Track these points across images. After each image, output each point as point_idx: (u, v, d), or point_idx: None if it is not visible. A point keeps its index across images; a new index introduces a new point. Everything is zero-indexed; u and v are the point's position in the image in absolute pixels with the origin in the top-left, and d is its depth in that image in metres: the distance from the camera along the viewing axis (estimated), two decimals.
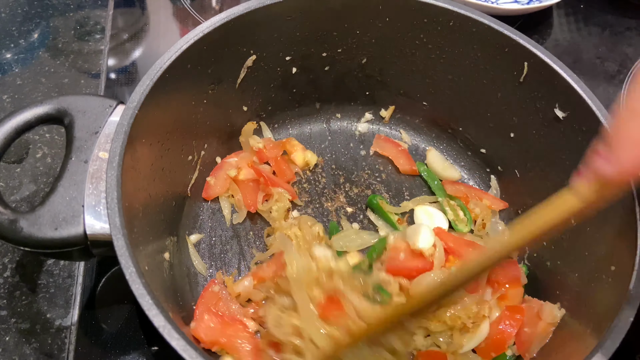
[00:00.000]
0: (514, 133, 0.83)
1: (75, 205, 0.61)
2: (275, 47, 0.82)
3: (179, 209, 0.81)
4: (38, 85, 0.99)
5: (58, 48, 1.05)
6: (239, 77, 0.82)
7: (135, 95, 0.65)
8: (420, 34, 0.82)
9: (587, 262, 0.68)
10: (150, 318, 0.51)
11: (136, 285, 0.53)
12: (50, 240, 0.59)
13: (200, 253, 0.80)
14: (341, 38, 0.84)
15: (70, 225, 0.59)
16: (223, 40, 0.75)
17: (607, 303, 0.60)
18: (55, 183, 0.62)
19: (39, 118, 0.67)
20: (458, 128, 0.91)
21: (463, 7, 0.78)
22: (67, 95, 0.68)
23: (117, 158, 0.61)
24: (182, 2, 1.16)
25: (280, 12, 0.78)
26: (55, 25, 1.09)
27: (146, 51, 1.07)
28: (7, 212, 0.59)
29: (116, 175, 0.59)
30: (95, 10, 1.13)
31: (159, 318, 0.52)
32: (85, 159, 0.64)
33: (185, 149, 0.80)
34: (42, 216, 0.60)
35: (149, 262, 0.62)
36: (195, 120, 0.80)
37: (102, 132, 0.66)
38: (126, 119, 0.63)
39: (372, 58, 0.87)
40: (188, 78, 0.73)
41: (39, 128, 0.74)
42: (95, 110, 0.68)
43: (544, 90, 0.76)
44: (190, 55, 0.71)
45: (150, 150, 0.70)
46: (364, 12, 0.81)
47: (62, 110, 0.67)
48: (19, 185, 0.86)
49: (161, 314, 0.52)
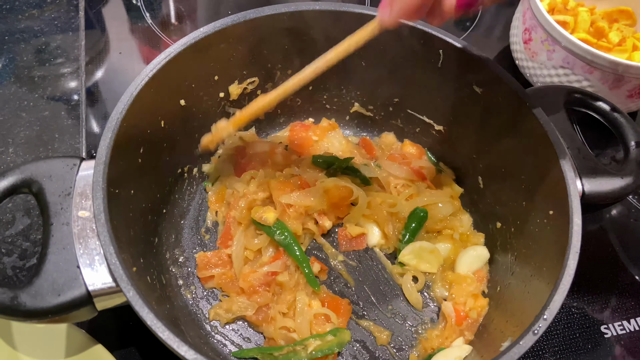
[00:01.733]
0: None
1: (71, 268, 0.62)
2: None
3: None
4: (19, 120, 1.00)
5: (26, 76, 1.07)
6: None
7: (102, 150, 0.67)
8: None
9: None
10: (183, 354, 0.56)
11: (160, 330, 0.57)
12: (55, 307, 0.60)
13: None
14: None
15: (72, 288, 0.61)
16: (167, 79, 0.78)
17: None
18: (43, 250, 0.63)
19: (5, 191, 0.67)
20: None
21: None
22: (28, 163, 0.69)
23: (102, 215, 0.63)
24: (144, 19, 1.19)
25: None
26: (17, 52, 1.11)
27: (108, 71, 1.11)
28: (4, 289, 0.60)
29: (107, 231, 0.62)
30: (55, 35, 1.15)
31: (190, 352, 0.56)
32: (65, 222, 0.65)
33: (163, 172, 0.85)
34: (41, 286, 0.61)
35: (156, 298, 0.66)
36: (163, 145, 0.83)
37: (74, 191, 0.68)
38: (100, 176, 0.66)
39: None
40: (144, 120, 0.76)
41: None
42: (61, 172, 0.69)
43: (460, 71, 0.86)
44: (142, 97, 0.74)
45: (129, 194, 0.73)
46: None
47: (27, 179, 0.68)
48: (13, 219, 0.88)
49: (190, 348, 0.56)
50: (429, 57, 0.87)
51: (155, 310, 0.58)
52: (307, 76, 0.73)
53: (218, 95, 0.90)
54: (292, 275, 0.82)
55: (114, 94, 1.07)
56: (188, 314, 0.80)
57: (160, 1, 1.25)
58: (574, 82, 1.02)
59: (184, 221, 0.90)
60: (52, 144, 0.98)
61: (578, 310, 0.89)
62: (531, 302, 0.69)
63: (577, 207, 0.69)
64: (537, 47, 1.05)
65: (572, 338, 0.86)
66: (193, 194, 0.93)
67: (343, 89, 0.99)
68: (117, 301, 0.64)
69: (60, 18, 1.17)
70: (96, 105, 1.05)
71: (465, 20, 1.33)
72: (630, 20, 1.15)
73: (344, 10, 0.85)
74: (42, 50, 1.12)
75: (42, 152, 0.96)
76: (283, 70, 0.93)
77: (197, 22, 1.23)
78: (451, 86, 0.88)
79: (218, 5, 1.27)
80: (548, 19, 1.00)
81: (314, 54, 0.91)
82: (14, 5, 1.19)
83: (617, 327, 0.88)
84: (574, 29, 1.10)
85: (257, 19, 0.83)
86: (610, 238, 0.99)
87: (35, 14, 1.18)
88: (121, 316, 0.77)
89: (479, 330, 0.80)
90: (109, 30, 1.18)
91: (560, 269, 0.65)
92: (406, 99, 0.97)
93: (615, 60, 0.95)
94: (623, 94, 1.01)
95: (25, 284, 0.61)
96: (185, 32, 1.18)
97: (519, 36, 1.11)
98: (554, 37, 1.00)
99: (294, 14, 0.85)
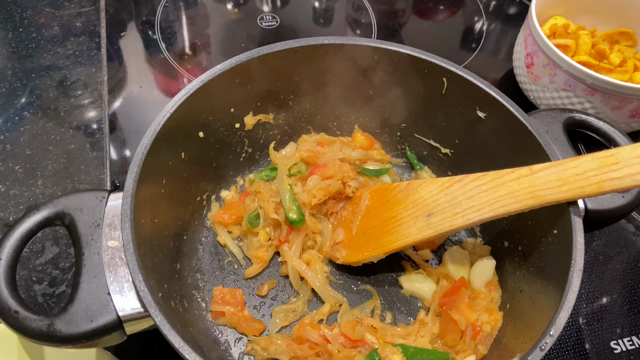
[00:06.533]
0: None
1: (102, 295, 0.67)
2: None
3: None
4: (47, 154, 1.06)
5: (52, 111, 1.13)
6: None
7: (129, 183, 0.72)
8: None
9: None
10: None
11: (187, 352, 0.61)
12: (89, 332, 0.64)
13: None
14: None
15: (104, 314, 0.65)
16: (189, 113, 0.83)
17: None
18: (76, 279, 0.68)
19: (39, 224, 0.71)
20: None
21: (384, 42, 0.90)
22: (60, 197, 0.73)
23: (130, 244, 0.67)
24: (160, 52, 1.26)
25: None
26: (43, 88, 1.18)
27: (127, 101, 1.17)
28: (41, 317, 0.64)
29: (135, 260, 0.66)
30: (77, 69, 1.22)
31: None
32: (96, 252, 0.70)
33: (184, 201, 0.90)
34: (75, 313, 0.65)
35: (179, 321, 0.70)
36: (183, 175, 0.88)
37: (104, 222, 0.72)
38: (127, 207, 0.70)
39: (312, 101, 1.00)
40: (166, 153, 0.81)
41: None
42: (91, 205, 0.73)
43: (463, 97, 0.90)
44: (163, 132, 0.79)
45: (154, 223, 0.77)
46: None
47: (59, 212, 0.72)
48: (42, 249, 0.93)
49: None
50: (434, 84, 0.91)
51: (181, 333, 0.62)
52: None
53: (234, 126, 0.95)
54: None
55: (133, 124, 1.12)
56: (213, 341, 0.84)
57: (176, 35, 1.31)
58: (576, 104, 1.05)
59: (202, 247, 0.94)
60: (78, 175, 1.03)
61: (588, 327, 0.92)
62: (539, 318, 0.72)
63: (579, 227, 0.72)
64: (539, 71, 1.09)
65: (582, 354, 0.89)
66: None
67: (352, 116, 1.03)
68: (145, 325, 0.68)
69: (83, 54, 1.24)
70: (114, 133, 1.10)
71: (471, 42, 1.37)
72: (630, 42, 1.19)
73: (352, 44, 0.90)
74: (65, 84, 1.18)
75: (69, 183, 1.02)
76: (294, 100, 0.98)
77: (211, 54, 1.29)
78: (455, 111, 0.92)
79: (231, 38, 1.32)
80: (549, 44, 1.04)
81: (324, 84, 0.97)
82: (39, 43, 1.26)
83: (626, 342, 0.90)
84: (575, 52, 1.13)
85: (270, 54, 0.88)
86: (617, 253, 1.01)
87: (60, 51, 1.24)
88: (146, 339, 0.81)
89: (492, 345, 0.82)
90: (128, 63, 1.25)
91: (565, 286, 0.68)
92: (413, 124, 1.01)
93: (615, 82, 0.98)
94: (625, 114, 1.04)
95: (59, 311, 0.65)
96: (201, 64, 1.24)
97: (522, 60, 1.15)
98: (555, 61, 1.04)
99: (304, 49, 0.89)
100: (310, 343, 0.80)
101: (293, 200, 0.89)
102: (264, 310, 0.88)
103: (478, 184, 0.76)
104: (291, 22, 1.37)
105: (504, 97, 0.85)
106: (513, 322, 0.80)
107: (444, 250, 0.94)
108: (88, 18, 1.32)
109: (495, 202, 0.73)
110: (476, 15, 1.44)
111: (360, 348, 0.79)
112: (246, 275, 0.91)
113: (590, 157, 0.67)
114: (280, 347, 0.80)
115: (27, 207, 0.96)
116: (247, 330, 0.84)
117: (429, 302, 0.88)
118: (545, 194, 0.70)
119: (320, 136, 1.03)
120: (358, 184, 0.96)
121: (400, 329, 0.84)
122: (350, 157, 0.99)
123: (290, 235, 0.90)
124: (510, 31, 1.41)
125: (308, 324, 0.82)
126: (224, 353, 0.83)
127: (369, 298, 0.90)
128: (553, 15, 1.19)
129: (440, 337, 0.83)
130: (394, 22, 1.41)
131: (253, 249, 0.92)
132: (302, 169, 0.95)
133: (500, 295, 0.87)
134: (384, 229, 0.86)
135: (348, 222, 0.93)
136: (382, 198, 0.89)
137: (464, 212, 0.76)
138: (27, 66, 1.21)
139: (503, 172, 0.74)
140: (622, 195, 0.80)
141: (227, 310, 0.85)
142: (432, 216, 0.79)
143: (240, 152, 1.00)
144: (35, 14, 1.32)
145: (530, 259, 0.83)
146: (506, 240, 0.90)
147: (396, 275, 0.93)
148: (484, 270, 0.88)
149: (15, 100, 1.14)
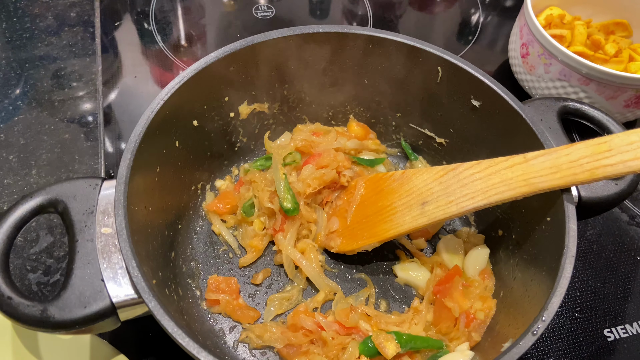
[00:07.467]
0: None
1: (96, 281, 0.67)
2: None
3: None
4: (41, 143, 1.06)
5: (46, 101, 1.13)
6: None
7: (122, 170, 0.72)
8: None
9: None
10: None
11: (181, 337, 0.61)
12: (82, 318, 0.65)
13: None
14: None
15: (98, 300, 0.65)
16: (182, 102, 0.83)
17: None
18: (69, 266, 0.68)
19: (33, 211, 0.71)
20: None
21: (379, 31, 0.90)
22: (53, 185, 0.73)
23: (124, 231, 0.67)
24: (156, 43, 1.25)
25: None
26: (37, 78, 1.17)
27: (121, 93, 1.17)
28: (34, 303, 0.64)
29: (129, 246, 0.66)
30: (72, 60, 1.21)
31: (210, 357, 0.60)
32: (90, 239, 0.70)
33: (178, 189, 0.90)
34: (68, 299, 0.65)
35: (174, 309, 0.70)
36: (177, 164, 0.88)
37: (97, 209, 0.72)
38: (121, 194, 0.70)
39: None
40: (160, 141, 0.81)
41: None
42: (84, 192, 0.73)
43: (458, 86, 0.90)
44: (157, 120, 0.78)
45: (148, 211, 0.77)
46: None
47: (53, 200, 0.72)
48: (37, 238, 0.93)
49: (210, 354, 0.60)
50: (429, 73, 0.91)
51: (175, 319, 0.62)
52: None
53: (229, 115, 0.95)
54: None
55: (128, 115, 1.12)
56: (208, 329, 0.84)
57: (171, 25, 1.31)
58: (571, 93, 1.05)
59: (197, 236, 0.94)
60: (72, 165, 1.03)
61: (581, 315, 0.92)
62: (532, 305, 0.72)
63: (572, 213, 0.72)
64: (535, 61, 1.09)
65: (576, 342, 0.89)
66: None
67: (347, 106, 1.03)
68: (139, 311, 0.68)
69: (77, 44, 1.24)
70: (110, 125, 1.10)
71: (467, 34, 1.37)
72: (626, 32, 1.19)
73: (347, 32, 0.90)
74: (60, 75, 1.18)
75: (64, 173, 1.02)
76: (289, 89, 0.98)
77: (207, 44, 1.28)
78: (450, 100, 0.92)
79: (227, 28, 1.32)
80: (544, 34, 1.04)
81: (319, 74, 0.96)
82: (34, 34, 1.25)
83: (620, 330, 0.91)
84: (571, 42, 1.14)
85: (264, 42, 0.88)
86: (611, 242, 1.01)
87: (54, 41, 1.24)
88: (141, 327, 0.81)
89: (486, 332, 0.83)
90: (122, 54, 1.24)
91: (558, 273, 0.68)
92: (408, 114, 1.01)
93: (609, 72, 0.98)
94: (620, 104, 1.05)
95: (53, 297, 0.65)
96: (196, 54, 1.24)
97: (517, 50, 1.15)
98: (550, 51, 1.04)
99: (299, 37, 0.89)
100: (305, 330, 0.80)
101: (288, 190, 0.89)
102: (259, 298, 0.88)
103: (472, 172, 0.76)
104: (287, 13, 1.37)
105: (499, 86, 0.85)
106: (506, 310, 0.81)
107: (439, 239, 0.94)
108: (82, 8, 1.31)
109: (489, 190, 0.73)
110: (472, 8, 1.44)
111: (354, 335, 0.79)
112: (241, 264, 0.91)
113: (584, 145, 0.67)
114: (275, 334, 0.80)
115: (21, 197, 0.96)
116: (242, 318, 0.84)
117: (423, 290, 0.88)
118: (538, 181, 0.70)
119: (315, 126, 1.03)
120: (353, 173, 0.96)
121: (395, 317, 0.84)
122: (345, 147, 0.99)
123: (285, 224, 0.90)
124: (506, 23, 1.41)
125: (302, 312, 0.82)
126: (219, 341, 0.83)
127: (364, 286, 0.90)
128: (548, 5, 1.19)
129: (434, 325, 0.83)
130: (390, 14, 1.41)
131: (248, 238, 0.92)
132: (297, 159, 0.95)
133: (494, 283, 0.87)
134: (379, 218, 0.86)
135: (343, 211, 0.93)
136: (377, 187, 0.89)
137: (458, 200, 0.76)
138: (21, 56, 1.20)
139: (497, 160, 0.74)
140: (615, 183, 0.80)
141: (222, 298, 0.85)
142: (426, 204, 0.79)
143: (235, 142, 1.00)
144: (29, 4, 1.31)
145: (523, 247, 0.83)
146: (500, 229, 0.90)
147: (391, 263, 0.93)
148: (477, 258, 0.89)
149: (10, 91, 1.14)
